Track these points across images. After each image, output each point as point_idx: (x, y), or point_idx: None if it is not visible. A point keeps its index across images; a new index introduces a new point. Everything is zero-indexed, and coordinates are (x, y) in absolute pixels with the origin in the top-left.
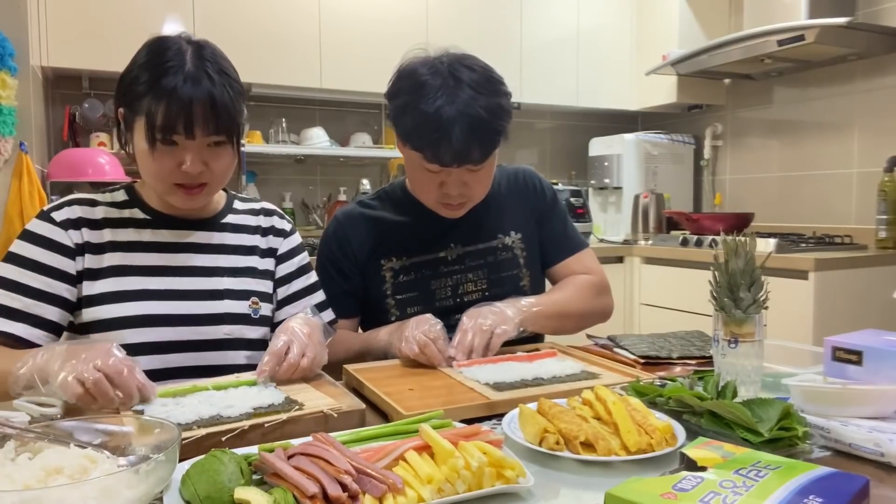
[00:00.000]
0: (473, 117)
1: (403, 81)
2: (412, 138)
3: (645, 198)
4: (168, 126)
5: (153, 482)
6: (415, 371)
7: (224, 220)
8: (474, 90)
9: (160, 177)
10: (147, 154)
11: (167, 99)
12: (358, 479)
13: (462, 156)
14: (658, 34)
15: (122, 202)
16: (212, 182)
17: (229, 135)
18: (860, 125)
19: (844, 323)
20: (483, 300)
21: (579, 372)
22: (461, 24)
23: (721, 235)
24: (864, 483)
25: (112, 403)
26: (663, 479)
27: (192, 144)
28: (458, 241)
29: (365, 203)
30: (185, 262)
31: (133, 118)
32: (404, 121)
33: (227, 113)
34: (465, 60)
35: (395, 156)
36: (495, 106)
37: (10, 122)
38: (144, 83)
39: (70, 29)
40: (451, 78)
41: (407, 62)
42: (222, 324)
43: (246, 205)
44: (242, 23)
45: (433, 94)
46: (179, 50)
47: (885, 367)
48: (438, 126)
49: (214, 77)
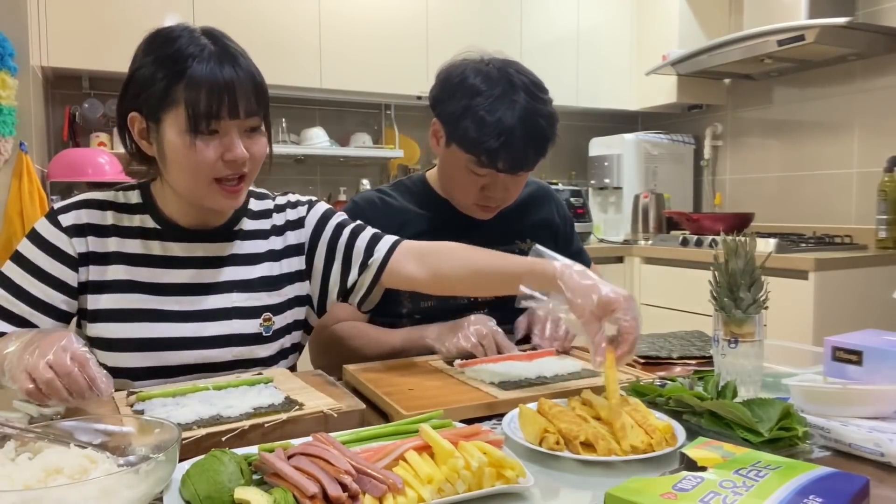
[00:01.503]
0: (533, 125)
1: (457, 86)
2: (468, 143)
3: (645, 198)
4: (211, 112)
5: (153, 482)
6: (415, 371)
7: (237, 227)
8: (529, 96)
9: (201, 173)
10: (185, 149)
11: (207, 85)
12: (358, 479)
13: (519, 163)
14: (658, 34)
15: (134, 205)
16: (250, 173)
17: (266, 117)
18: (860, 125)
19: (844, 323)
20: (496, 302)
21: (580, 370)
22: (461, 24)
23: (721, 235)
24: (864, 483)
25: (67, 401)
26: (663, 479)
27: (232, 129)
28: (477, 242)
29: (385, 192)
30: (192, 278)
31: (159, 115)
32: (460, 126)
33: (265, 92)
34: (513, 65)
35: (395, 156)
36: (550, 114)
37: (10, 122)
38: (167, 75)
39: (70, 29)
40: (508, 84)
41: (456, 65)
42: (230, 346)
43: (262, 203)
44: (242, 23)
45: (494, 101)
46: (191, 35)
47: (885, 367)
48: (500, 133)
49: (243, 55)
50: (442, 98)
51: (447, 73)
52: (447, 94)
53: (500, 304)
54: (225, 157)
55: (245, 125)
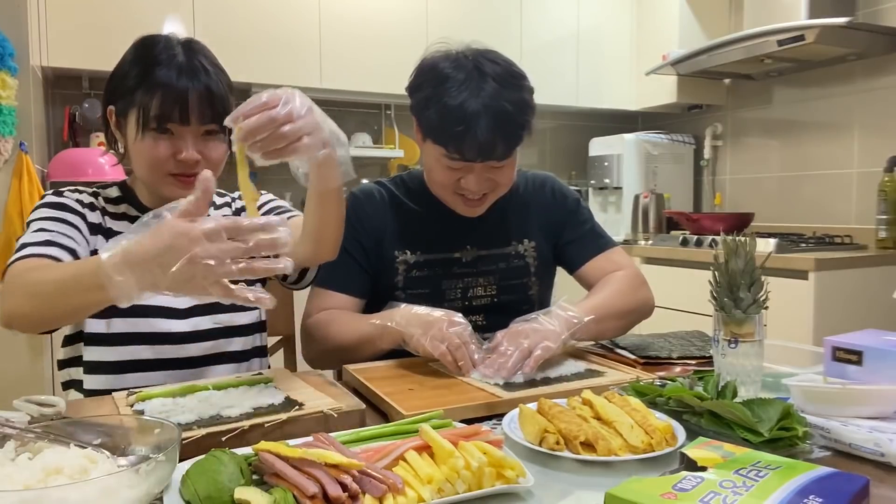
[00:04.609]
0: (498, 111)
1: (426, 75)
2: (434, 132)
3: (645, 198)
4: (163, 115)
5: (153, 482)
6: (415, 371)
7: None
8: (498, 84)
9: (155, 166)
10: (141, 144)
11: (162, 89)
12: (358, 479)
13: (486, 150)
14: (658, 34)
15: (115, 198)
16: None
17: (222, 125)
18: (860, 125)
19: (844, 323)
20: (491, 305)
21: (583, 371)
22: (461, 24)
23: (721, 235)
24: (864, 483)
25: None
26: (663, 479)
27: (186, 133)
28: (473, 244)
29: (384, 185)
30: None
31: (126, 111)
32: (427, 114)
33: (222, 103)
34: (487, 55)
35: (395, 156)
36: (520, 100)
37: (10, 122)
38: (136, 76)
39: (70, 29)
40: (476, 71)
41: (429, 56)
42: (212, 314)
43: (222, 199)
44: (242, 23)
45: (457, 88)
46: (168, 44)
47: (885, 367)
48: (462, 119)
49: (209, 69)
50: (412, 89)
51: (419, 64)
52: (416, 85)
53: (497, 309)
54: (176, 157)
55: (200, 130)
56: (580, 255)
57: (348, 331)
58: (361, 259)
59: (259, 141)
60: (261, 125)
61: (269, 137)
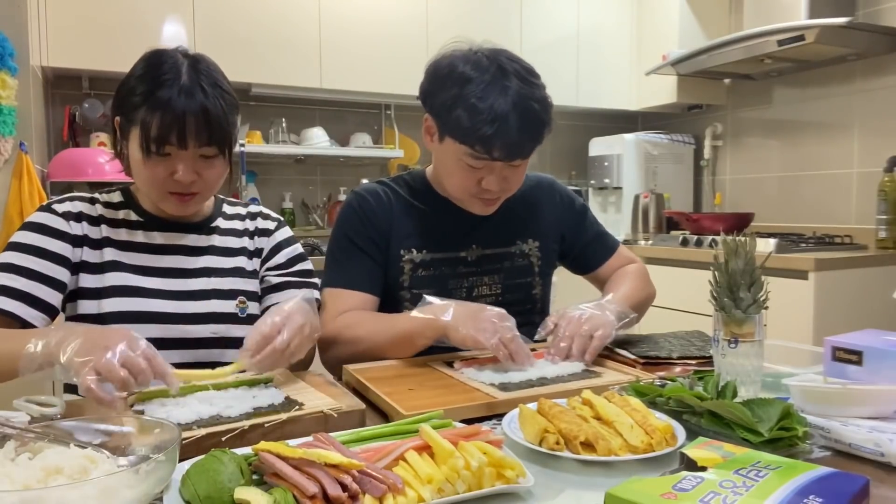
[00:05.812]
0: (526, 109)
1: (447, 76)
2: (462, 132)
3: (645, 198)
4: (162, 137)
5: (153, 482)
6: (415, 371)
7: (214, 223)
8: (521, 82)
9: (153, 185)
10: (141, 163)
11: (161, 110)
12: (358, 479)
13: (515, 149)
14: (658, 34)
15: (117, 203)
16: (203, 191)
17: (221, 146)
18: (860, 125)
19: (844, 323)
20: (496, 304)
21: (580, 371)
22: (461, 24)
23: (721, 235)
24: (864, 483)
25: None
26: (663, 479)
27: (184, 155)
28: (478, 243)
29: (387, 184)
30: (175, 263)
31: (129, 127)
32: (454, 115)
33: (220, 125)
34: (504, 53)
35: (395, 156)
36: (543, 98)
37: (10, 122)
38: (140, 94)
39: (70, 29)
40: (499, 70)
41: (445, 57)
42: (209, 323)
43: (234, 209)
44: (242, 23)
45: (484, 88)
46: (175, 63)
47: (885, 367)
48: (494, 119)
49: (208, 90)
50: (432, 90)
51: (435, 66)
52: (437, 86)
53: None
54: (173, 177)
55: (198, 152)
56: (597, 257)
57: (383, 329)
58: (375, 254)
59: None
60: (265, 357)
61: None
